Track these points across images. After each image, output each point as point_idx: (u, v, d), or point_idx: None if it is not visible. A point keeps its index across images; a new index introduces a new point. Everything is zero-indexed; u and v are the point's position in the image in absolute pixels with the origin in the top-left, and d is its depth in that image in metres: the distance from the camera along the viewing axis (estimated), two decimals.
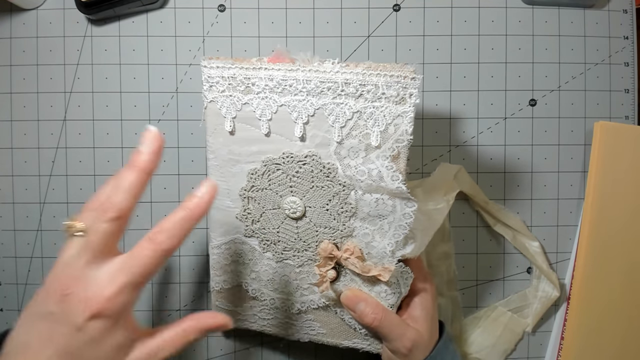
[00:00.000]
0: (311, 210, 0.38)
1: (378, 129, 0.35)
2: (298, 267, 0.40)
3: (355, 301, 0.39)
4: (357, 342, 0.42)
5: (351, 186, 0.37)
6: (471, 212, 0.50)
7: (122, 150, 0.49)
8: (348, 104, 0.35)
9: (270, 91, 0.36)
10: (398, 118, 0.35)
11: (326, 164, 0.37)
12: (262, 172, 0.38)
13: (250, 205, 0.40)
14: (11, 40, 0.48)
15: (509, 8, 0.49)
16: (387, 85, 0.34)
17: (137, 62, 0.48)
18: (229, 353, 0.49)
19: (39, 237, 0.49)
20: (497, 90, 0.49)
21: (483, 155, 0.49)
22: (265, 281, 0.42)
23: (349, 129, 0.36)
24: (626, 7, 0.49)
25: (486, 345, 0.49)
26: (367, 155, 0.36)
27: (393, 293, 0.39)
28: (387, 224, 0.37)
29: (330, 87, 0.35)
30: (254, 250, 0.41)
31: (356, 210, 0.37)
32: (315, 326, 0.42)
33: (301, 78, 0.36)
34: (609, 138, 0.47)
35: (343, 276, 0.40)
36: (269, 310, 0.43)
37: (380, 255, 0.38)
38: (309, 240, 0.39)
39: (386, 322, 0.38)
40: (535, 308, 0.48)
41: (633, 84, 0.49)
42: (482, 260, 0.50)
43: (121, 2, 0.46)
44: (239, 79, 0.37)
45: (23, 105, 0.48)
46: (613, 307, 0.47)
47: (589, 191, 0.47)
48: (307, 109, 0.36)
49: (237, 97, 0.37)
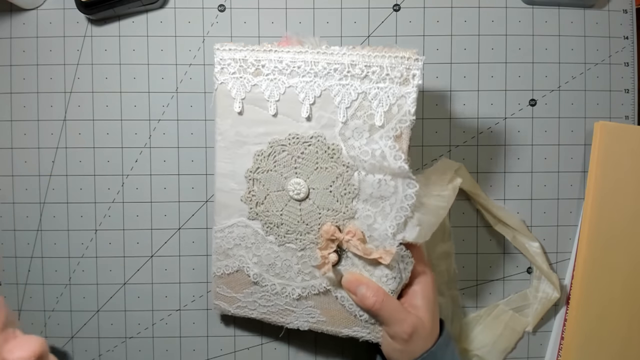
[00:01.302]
0: (315, 192, 0.39)
1: (382, 110, 0.37)
2: (300, 250, 0.41)
3: (356, 284, 0.39)
4: (357, 330, 0.42)
5: (354, 167, 0.38)
6: (471, 212, 0.50)
7: (122, 150, 0.49)
8: (353, 85, 0.37)
9: (279, 73, 0.38)
10: (401, 99, 0.36)
11: (331, 145, 0.38)
12: (268, 154, 0.40)
13: (255, 187, 0.41)
14: (11, 40, 0.48)
15: (509, 8, 0.49)
16: (391, 66, 0.36)
17: (137, 62, 0.48)
18: (229, 353, 0.49)
19: (39, 237, 0.49)
20: (497, 90, 0.49)
21: (483, 155, 0.49)
22: (266, 265, 0.42)
23: (353, 110, 0.37)
24: (626, 7, 0.49)
25: (487, 343, 0.49)
26: (370, 136, 0.37)
27: (394, 278, 0.39)
28: (389, 205, 0.38)
29: (337, 68, 0.37)
30: (257, 233, 0.42)
31: (359, 192, 0.38)
32: (316, 313, 0.42)
33: (309, 60, 0.38)
34: (609, 138, 0.47)
35: (344, 259, 0.40)
36: (270, 297, 0.43)
37: (381, 238, 0.38)
38: (312, 222, 0.40)
39: (387, 306, 0.38)
40: (536, 309, 0.48)
41: (633, 84, 0.49)
42: (482, 260, 0.50)
43: (121, 2, 0.46)
44: (250, 61, 0.39)
45: (23, 105, 0.48)
46: (613, 307, 0.47)
47: (589, 191, 0.47)
48: (314, 90, 0.38)
49: (247, 78, 0.39)
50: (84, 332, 0.49)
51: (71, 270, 0.49)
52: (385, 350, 0.40)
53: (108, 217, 0.49)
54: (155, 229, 0.49)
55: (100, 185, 0.49)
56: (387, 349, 0.40)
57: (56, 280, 0.49)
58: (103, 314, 0.49)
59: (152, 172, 0.49)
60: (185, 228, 0.49)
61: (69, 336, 0.49)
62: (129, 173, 0.49)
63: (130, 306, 0.49)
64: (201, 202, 0.49)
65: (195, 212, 0.49)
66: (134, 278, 0.49)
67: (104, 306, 0.49)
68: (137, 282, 0.49)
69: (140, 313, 0.49)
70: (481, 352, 0.49)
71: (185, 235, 0.49)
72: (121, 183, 0.49)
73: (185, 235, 0.49)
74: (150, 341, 0.49)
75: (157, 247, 0.49)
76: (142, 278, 0.49)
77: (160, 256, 0.49)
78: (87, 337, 0.49)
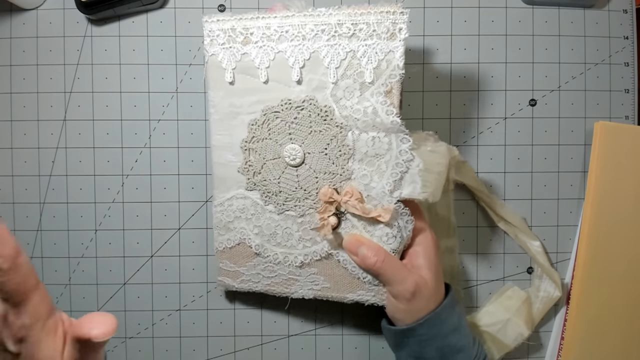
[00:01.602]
0: (310, 157, 0.40)
1: (371, 66, 0.37)
2: (300, 217, 0.41)
3: (357, 245, 0.39)
4: (362, 293, 0.42)
5: (348, 127, 0.39)
6: (472, 212, 0.50)
7: (122, 150, 0.49)
8: (342, 45, 0.38)
9: (268, 39, 0.39)
10: (389, 54, 0.37)
11: (323, 107, 0.39)
12: (262, 122, 0.40)
13: (251, 157, 0.41)
14: (11, 40, 0.48)
15: (509, 8, 0.49)
16: (377, 22, 0.37)
17: (137, 62, 0.48)
18: (229, 353, 0.49)
19: (39, 237, 0.49)
20: (497, 90, 0.49)
21: (483, 155, 0.49)
22: (267, 235, 0.42)
23: (343, 69, 0.38)
24: (626, 7, 0.49)
25: (499, 320, 0.47)
26: (362, 94, 0.38)
27: (394, 237, 0.39)
28: (384, 163, 0.38)
29: (324, 29, 0.38)
30: (256, 204, 0.42)
31: (354, 152, 0.39)
32: (320, 280, 0.42)
33: (296, 23, 0.38)
34: (609, 138, 0.47)
35: (344, 222, 0.40)
36: (272, 267, 0.43)
37: (379, 197, 0.39)
38: (310, 187, 0.40)
39: (388, 265, 0.38)
40: (537, 308, 0.48)
41: (633, 84, 0.49)
42: (482, 260, 0.50)
43: (121, 2, 0.46)
44: (238, 30, 0.39)
45: (23, 105, 0.48)
46: (613, 307, 0.47)
47: (589, 191, 0.47)
48: (303, 53, 0.38)
49: (236, 48, 0.39)
50: None
51: (71, 270, 0.49)
52: (389, 311, 0.41)
53: (108, 217, 0.49)
54: (155, 229, 0.49)
55: (100, 185, 0.49)
56: (391, 309, 0.40)
57: (56, 280, 0.49)
58: None
59: (152, 172, 0.49)
60: (185, 228, 0.49)
61: None
62: (129, 173, 0.49)
63: (130, 306, 0.49)
64: (201, 202, 0.49)
65: (195, 212, 0.49)
66: (134, 278, 0.49)
67: (104, 306, 0.49)
68: (137, 282, 0.49)
69: (140, 313, 0.49)
70: (492, 330, 0.47)
71: (185, 235, 0.49)
72: (121, 183, 0.49)
73: (185, 235, 0.49)
74: (150, 341, 0.49)
75: (157, 247, 0.49)
76: (142, 278, 0.49)
77: (160, 256, 0.49)
78: None
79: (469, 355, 0.40)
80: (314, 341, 0.49)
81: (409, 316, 0.39)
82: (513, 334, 0.47)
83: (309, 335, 0.49)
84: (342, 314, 0.49)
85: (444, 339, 0.39)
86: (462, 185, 0.49)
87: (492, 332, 0.47)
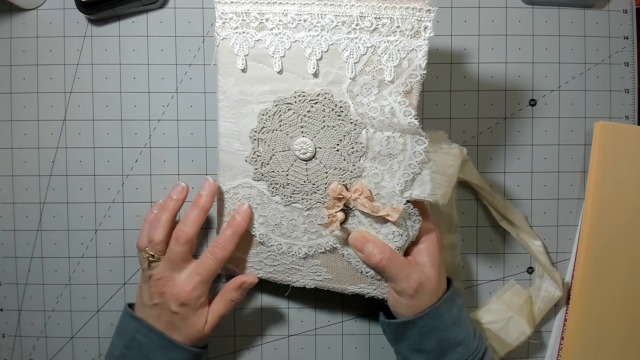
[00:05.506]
0: (321, 151, 0.39)
1: (392, 64, 0.36)
2: (306, 210, 0.41)
3: (363, 242, 0.39)
4: (364, 287, 0.42)
5: (362, 125, 0.37)
6: (472, 212, 0.50)
7: (122, 150, 0.49)
8: (362, 39, 0.36)
9: (284, 27, 0.37)
10: (412, 52, 0.35)
11: (338, 102, 0.37)
12: (273, 113, 0.39)
13: (260, 148, 0.40)
14: (11, 40, 0.48)
15: (509, 8, 0.49)
16: (402, 18, 0.35)
17: (137, 62, 0.48)
18: (228, 353, 0.49)
19: (39, 237, 0.49)
20: (497, 90, 0.49)
21: (483, 155, 0.49)
22: (272, 225, 0.42)
23: (362, 65, 0.36)
24: (626, 7, 0.49)
25: (502, 318, 0.47)
26: (379, 92, 0.36)
27: (400, 235, 0.39)
28: (397, 163, 0.38)
29: (345, 21, 0.36)
30: (263, 194, 0.41)
31: (367, 150, 0.38)
32: (322, 271, 0.42)
33: (316, 12, 0.36)
34: (609, 138, 0.47)
35: (351, 218, 0.40)
36: (276, 256, 0.43)
37: (389, 196, 0.38)
38: (319, 182, 0.39)
39: (393, 262, 0.38)
40: (538, 307, 0.48)
41: (633, 84, 0.50)
42: (482, 260, 0.50)
43: (121, 2, 0.46)
44: (253, 15, 0.37)
45: (23, 105, 0.48)
46: (613, 307, 0.47)
47: (589, 191, 0.47)
48: (321, 44, 0.36)
49: (250, 33, 0.37)
50: (84, 332, 0.49)
51: (71, 270, 0.49)
52: (391, 305, 0.41)
53: (108, 217, 0.49)
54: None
55: (100, 185, 0.49)
56: (394, 304, 0.40)
57: (56, 280, 0.49)
58: (103, 314, 0.49)
59: (152, 172, 0.49)
60: None
61: (69, 336, 0.49)
62: (129, 173, 0.49)
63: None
64: None
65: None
66: (134, 278, 0.49)
67: (104, 306, 0.49)
68: (137, 282, 0.49)
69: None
70: (494, 327, 0.47)
71: None
72: (121, 183, 0.49)
73: None
74: None
75: None
76: None
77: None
78: (87, 337, 0.49)
79: (469, 348, 0.40)
80: (314, 341, 0.49)
81: (410, 311, 0.39)
82: (515, 333, 0.47)
83: (309, 335, 0.49)
84: (342, 314, 0.49)
85: (444, 331, 0.39)
86: (464, 184, 0.49)
87: (495, 330, 0.48)
